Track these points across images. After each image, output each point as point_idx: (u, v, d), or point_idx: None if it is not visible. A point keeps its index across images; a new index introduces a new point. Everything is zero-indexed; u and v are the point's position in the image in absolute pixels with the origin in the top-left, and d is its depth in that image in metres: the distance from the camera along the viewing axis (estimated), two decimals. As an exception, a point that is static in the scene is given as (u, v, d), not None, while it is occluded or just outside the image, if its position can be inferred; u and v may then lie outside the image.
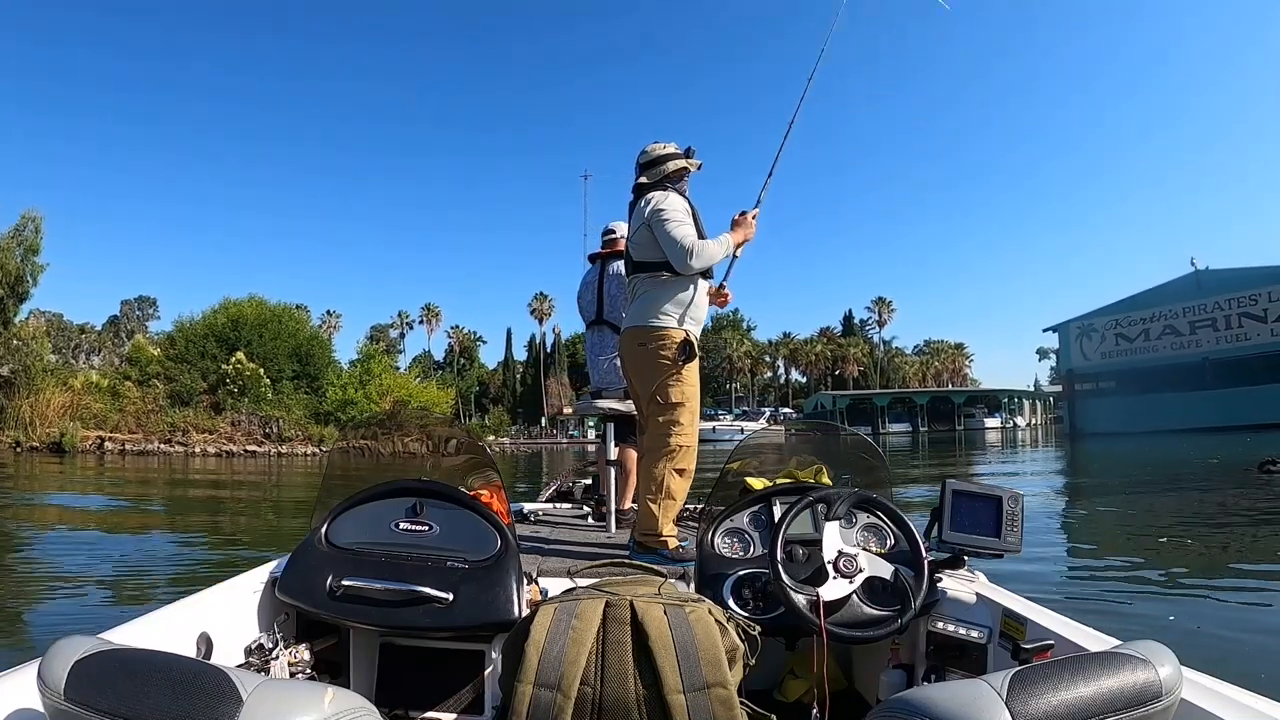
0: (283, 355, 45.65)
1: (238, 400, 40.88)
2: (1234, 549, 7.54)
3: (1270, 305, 36.17)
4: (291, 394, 44.09)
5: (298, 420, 42.00)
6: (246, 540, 9.75)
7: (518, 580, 2.17)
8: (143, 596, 5.99)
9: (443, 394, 52.61)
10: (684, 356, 3.20)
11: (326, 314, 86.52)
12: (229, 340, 44.05)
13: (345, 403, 44.16)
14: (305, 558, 2.22)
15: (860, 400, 70.70)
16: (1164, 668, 1.14)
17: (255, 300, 48.08)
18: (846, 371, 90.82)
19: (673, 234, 3.14)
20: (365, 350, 53.40)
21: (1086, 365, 44.06)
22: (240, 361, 41.78)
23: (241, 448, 38.24)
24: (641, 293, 3.34)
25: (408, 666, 2.29)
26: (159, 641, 1.70)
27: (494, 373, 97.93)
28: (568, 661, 1.43)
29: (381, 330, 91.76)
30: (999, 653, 2.04)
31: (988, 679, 1.11)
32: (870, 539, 2.36)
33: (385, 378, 47.63)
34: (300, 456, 37.70)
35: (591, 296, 4.82)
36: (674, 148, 3.45)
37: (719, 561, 2.41)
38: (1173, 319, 40.03)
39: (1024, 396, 78.33)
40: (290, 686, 1.15)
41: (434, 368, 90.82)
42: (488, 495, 2.75)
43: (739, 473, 2.96)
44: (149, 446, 36.49)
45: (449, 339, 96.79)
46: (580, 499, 5.09)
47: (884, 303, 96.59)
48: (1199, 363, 38.23)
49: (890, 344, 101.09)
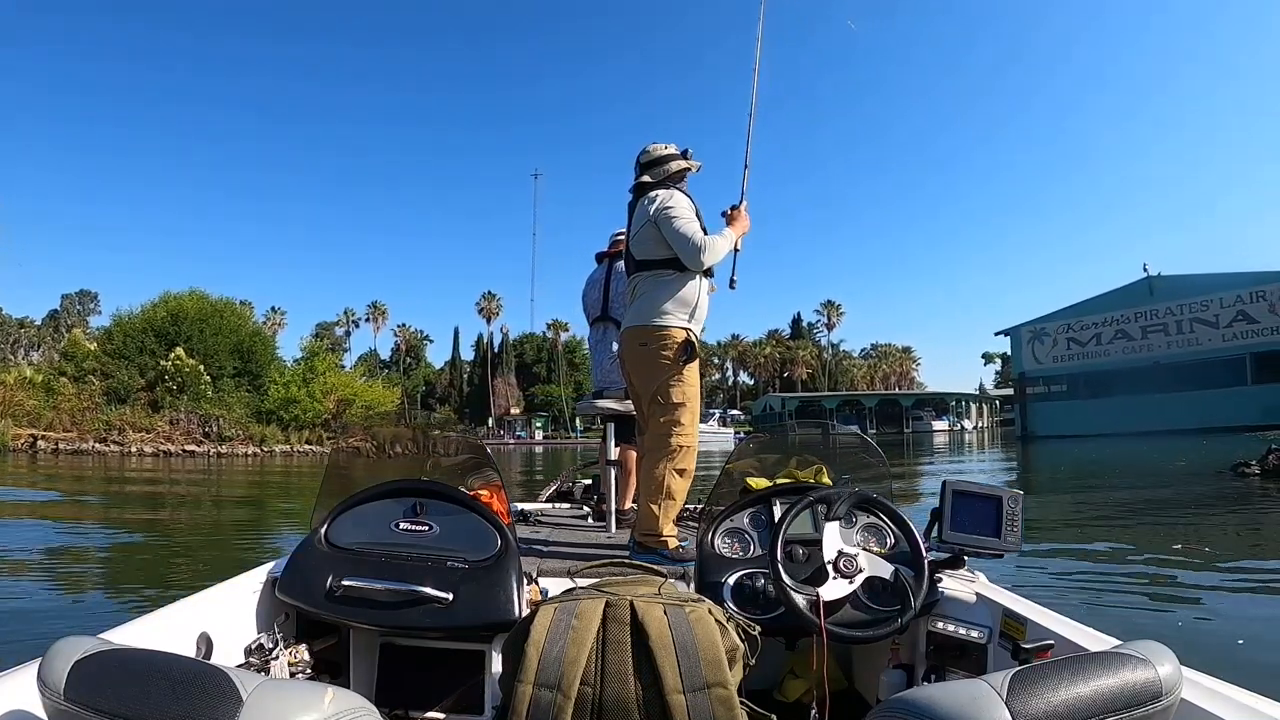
0: (224, 352, 44.63)
1: (176, 398, 39.90)
2: (1223, 549, 7.56)
3: (1221, 311, 36.63)
4: (232, 392, 43.19)
5: (238, 419, 41.17)
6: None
7: (518, 580, 2.18)
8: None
9: (388, 393, 51.69)
10: (686, 356, 3.19)
11: (271, 311, 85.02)
12: (168, 335, 42.92)
13: (288, 401, 43.43)
14: (305, 558, 2.24)
15: (809, 403, 70.46)
16: (1164, 667, 1.14)
17: (196, 294, 46.77)
18: (795, 374, 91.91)
19: (683, 230, 3.14)
20: (309, 347, 52.31)
21: (1038, 369, 44.48)
22: (180, 358, 40.80)
23: (180, 447, 37.33)
24: (643, 292, 3.31)
25: (408, 666, 2.30)
26: (159, 641, 1.72)
27: (441, 372, 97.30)
28: (568, 661, 1.43)
29: (327, 328, 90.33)
30: (999, 653, 2.06)
31: (988, 679, 1.11)
32: (870, 539, 2.37)
33: (329, 376, 46.82)
34: (241, 457, 36.91)
35: (597, 295, 4.83)
36: (674, 148, 3.45)
37: (719, 561, 2.41)
38: (1124, 324, 40.31)
39: (971, 400, 79.27)
40: (290, 686, 1.16)
41: (380, 366, 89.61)
42: (488, 495, 2.77)
43: (739, 473, 2.97)
44: (84, 446, 35.51)
45: (395, 337, 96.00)
46: (580, 499, 5.10)
47: (833, 306, 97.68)
48: (1150, 367, 38.73)
49: (838, 347, 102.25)
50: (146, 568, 7.66)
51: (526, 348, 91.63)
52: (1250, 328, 35.79)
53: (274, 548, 8.52)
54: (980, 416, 77.08)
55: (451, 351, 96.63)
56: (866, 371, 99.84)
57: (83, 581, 6.67)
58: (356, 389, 47.74)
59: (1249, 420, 30.69)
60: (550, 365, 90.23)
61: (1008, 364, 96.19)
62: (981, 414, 77.61)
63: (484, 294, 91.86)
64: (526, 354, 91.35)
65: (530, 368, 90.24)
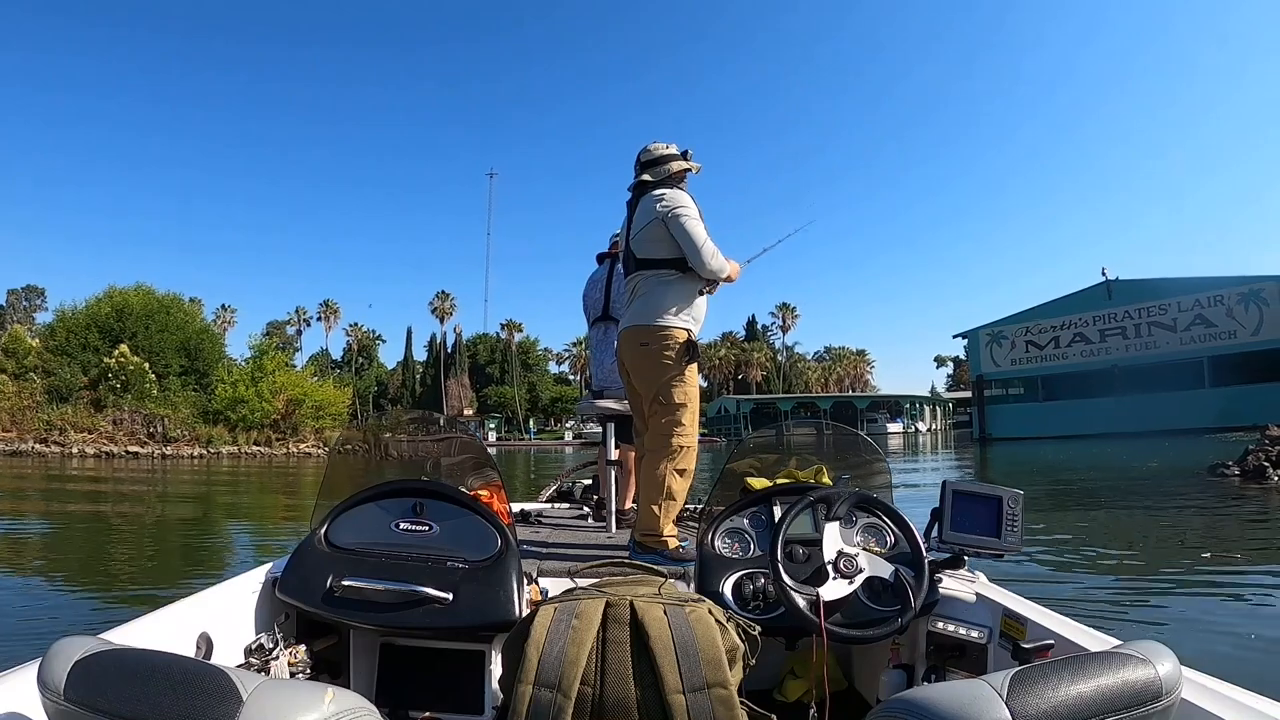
0: (170, 349, 43.84)
1: (120, 397, 39.07)
2: (1210, 548, 7.56)
3: (1180, 315, 37.03)
4: (178, 391, 42.41)
5: (184, 419, 40.44)
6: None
7: (518, 580, 2.18)
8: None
9: (339, 393, 50.80)
10: (687, 357, 3.20)
11: (221, 308, 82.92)
12: (113, 332, 42.05)
13: (236, 401, 42.64)
14: (305, 558, 2.24)
15: (764, 405, 70.19)
16: (1164, 667, 1.14)
17: (143, 289, 45.79)
18: (750, 376, 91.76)
19: (695, 231, 3.14)
20: (258, 346, 50.83)
21: (997, 371, 44.59)
22: (124, 355, 39.96)
23: (123, 448, 36.66)
24: (644, 291, 3.28)
25: (408, 666, 2.30)
26: (159, 641, 1.72)
27: (393, 372, 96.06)
28: (568, 661, 1.44)
29: (278, 327, 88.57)
30: (999, 653, 2.06)
31: (988, 679, 1.11)
32: (870, 539, 2.37)
33: (278, 375, 45.92)
34: (186, 459, 36.15)
35: (599, 295, 4.81)
36: (674, 148, 3.43)
37: (719, 561, 2.41)
38: (1083, 327, 40.67)
39: (924, 402, 79.61)
40: (290, 686, 1.16)
41: (332, 366, 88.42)
42: (488, 495, 2.78)
43: (739, 473, 2.97)
44: (23, 446, 34.77)
45: (348, 337, 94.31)
46: (580, 499, 5.11)
47: (788, 309, 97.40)
48: (1108, 370, 39.03)
49: (793, 350, 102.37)
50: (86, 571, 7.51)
51: (480, 348, 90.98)
52: (1208, 331, 36.24)
53: (224, 564, 8.14)
54: (934, 419, 77.54)
55: (404, 351, 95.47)
56: (821, 374, 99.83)
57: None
58: (306, 389, 46.97)
59: (1206, 423, 30.97)
60: (504, 366, 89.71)
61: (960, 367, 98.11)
62: (935, 416, 77.87)
63: (438, 293, 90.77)
64: (480, 355, 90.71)
65: (484, 369, 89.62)
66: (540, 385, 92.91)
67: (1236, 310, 35.39)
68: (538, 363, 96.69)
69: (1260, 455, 13.58)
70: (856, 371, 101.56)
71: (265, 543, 10.01)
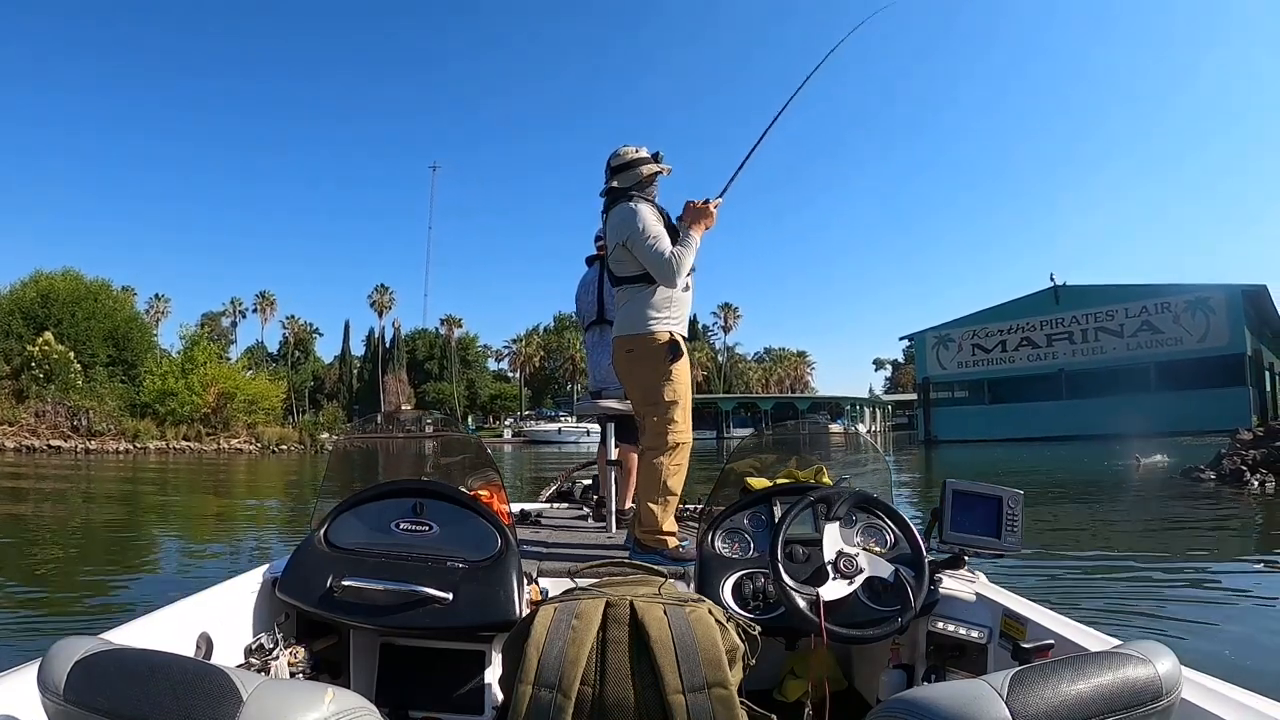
0: (97, 338, 42.84)
1: (44, 387, 37.92)
2: (1205, 552, 7.66)
3: (1126, 321, 37.70)
4: (105, 382, 41.44)
5: (110, 412, 39.42)
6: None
7: (518, 580, 2.18)
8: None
9: (273, 387, 50.02)
10: (672, 356, 3.27)
11: (155, 298, 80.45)
12: (37, 318, 40.92)
13: (165, 394, 41.78)
14: (305, 558, 2.24)
15: (705, 404, 68.97)
16: (1164, 667, 1.13)
17: (70, 274, 44.65)
18: (691, 376, 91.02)
19: (653, 253, 3.18)
20: (190, 336, 49.87)
21: (943, 374, 44.80)
22: (48, 343, 38.81)
23: (45, 442, 35.59)
24: (625, 302, 3.38)
25: (408, 666, 2.30)
26: (159, 641, 1.73)
27: (330, 367, 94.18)
28: (568, 661, 1.44)
29: (213, 318, 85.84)
30: (999, 653, 2.06)
31: (988, 679, 1.10)
32: (870, 539, 2.35)
33: (210, 368, 45.04)
34: (111, 454, 35.27)
35: (592, 298, 4.84)
36: (645, 151, 3.46)
37: (719, 561, 2.41)
38: (1030, 331, 41.12)
39: (864, 404, 79.97)
40: (290, 686, 1.16)
41: (267, 359, 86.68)
42: (488, 495, 2.80)
43: (739, 473, 2.99)
44: (-63, 440, 33.55)
45: (284, 330, 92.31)
46: (580, 499, 5.13)
47: (730, 309, 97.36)
48: (1055, 374, 39.73)
49: (734, 350, 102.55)
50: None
51: (419, 343, 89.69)
52: (1155, 338, 36.91)
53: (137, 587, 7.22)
54: (874, 420, 77.98)
55: (342, 345, 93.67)
56: (761, 375, 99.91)
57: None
58: (239, 382, 46.13)
59: (1154, 428, 30.64)
60: (443, 363, 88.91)
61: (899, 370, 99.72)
62: (875, 418, 78.34)
63: (376, 286, 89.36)
64: (419, 350, 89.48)
65: (422, 364, 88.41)
66: (479, 382, 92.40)
67: (1184, 318, 36.18)
68: (477, 359, 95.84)
69: (1236, 459, 13.45)
70: (797, 373, 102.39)
71: (195, 549, 9.47)
